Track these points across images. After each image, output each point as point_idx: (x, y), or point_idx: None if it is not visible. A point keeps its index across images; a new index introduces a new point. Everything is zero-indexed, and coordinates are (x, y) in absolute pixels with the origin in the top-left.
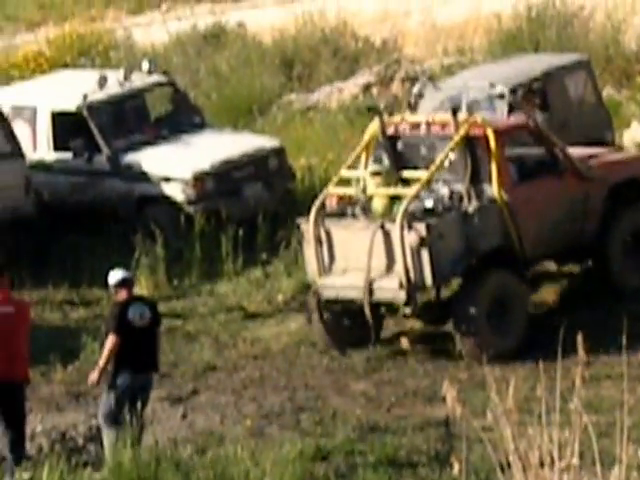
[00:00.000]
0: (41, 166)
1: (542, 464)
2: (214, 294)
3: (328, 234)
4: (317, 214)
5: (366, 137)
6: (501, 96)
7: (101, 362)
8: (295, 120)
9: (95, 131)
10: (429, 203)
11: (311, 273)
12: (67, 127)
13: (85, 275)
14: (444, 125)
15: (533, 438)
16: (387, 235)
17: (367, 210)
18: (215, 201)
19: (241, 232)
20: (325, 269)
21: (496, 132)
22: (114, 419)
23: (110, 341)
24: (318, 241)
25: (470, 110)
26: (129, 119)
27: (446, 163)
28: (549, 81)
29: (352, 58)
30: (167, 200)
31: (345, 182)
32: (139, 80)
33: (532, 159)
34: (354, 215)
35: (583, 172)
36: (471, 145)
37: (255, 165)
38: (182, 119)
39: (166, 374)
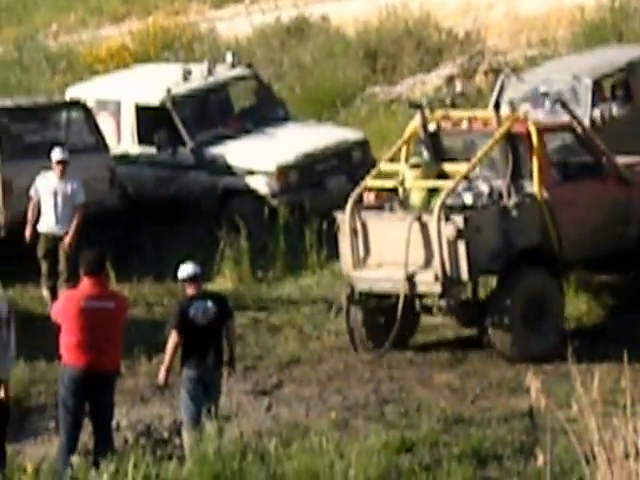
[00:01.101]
0: (125, 159)
1: (627, 455)
2: (298, 286)
3: (364, 226)
4: (354, 206)
5: (407, 132)
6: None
7: (165, 361)
8: (378, 112)
9: (179, 124)
10: (468, 199)
11: (345, 266)
12: (151, 120)
13: (169, 268)
14: (486, 122)
15: (618, 429)
16: (424, 227)
17: (405, 203)
18: (299, 194)
19: (325, 224)
20: (360, 262)
21: (539, 129)
22: (194, 418)
23: (172, 339)
24: (354, 233)
25: (555, 101)
26: (213, 112)
27: (487, 160)
28: (633, 72)
29: (435, 50)
30: (251, 193)
31: (384, 176)
32: (223, 73)
33: (576, 160)
34: (392, 208)
35: (627, 177)
36: (513, 142)
37: (338, 157)
38: (266, 112)
39: (251, 367)
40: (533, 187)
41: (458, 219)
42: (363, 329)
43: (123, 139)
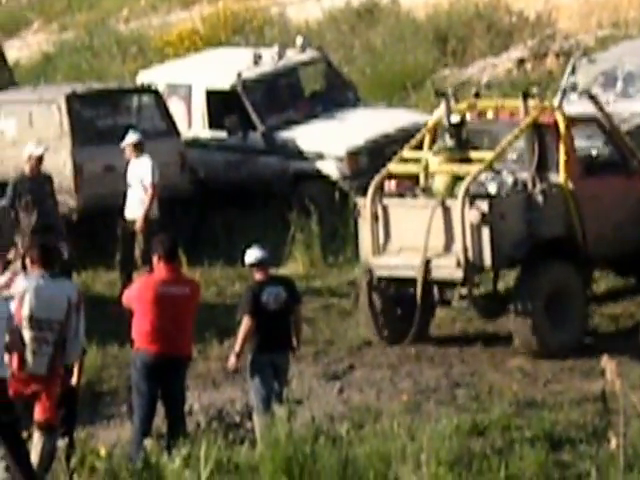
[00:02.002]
0: (196, 144)
1: None
2: None
3: (385, 212)
4: (375, 191)
5: (431, 121)
6: None
7: (237, 346)
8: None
9: (249, 109)
10: (492, 188)
11: (364, 252)
12: (222, 105)
13: (240, 252)
14: (512, 111)
15: None
16: (447, 212)
17: (428, 189)
18: (369, 177)
19: None
20: (379, 248)
21: (568, 119)
22: (266, 402)
23: (245, 324)
24: (374, 219)
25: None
26: (283, 96)
27: (512, 151)
28: None
29: (506, 33)
30: (322, 177)
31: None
32: (293, 57)
33: (601, 155)
34: (414, 194)
35: None
36: (539, 132)
37: (409, 141)
38: (336, 96)
39: (322, 351)
40: (558, 178)
41: (483, 204)
42: (381, 318)
43: (194, 124)
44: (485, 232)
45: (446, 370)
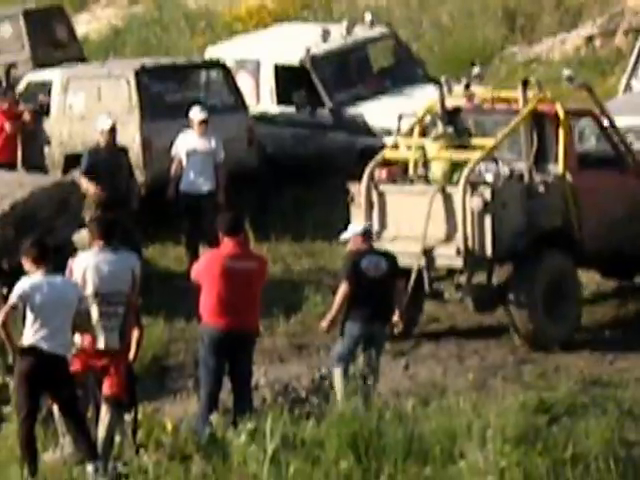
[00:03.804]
0: (264, 119)
1: None
2: None
3: (381, 198)
4: (370, 177)
5: (424, 108)
6: None
7: (332, 310)
8: (517, 72)
9: (318, 84)
10: (489, 177)
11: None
12: (290, 80)
13: (307, 227)
14: (510, 101)
15: None
16: (447, 200)
17: (424, 176)
18: None
19: None
20: (373, 235)
21: (566, 111)
22: (345, 366)
23: (342, 290)
24: (369, 206)
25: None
26: (352, 72)
27: (509, 141)
28: None
29: (575, 10)
30: None
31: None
32: (362, 33)
33: (598, 149)
34: (410, 181)
35: None
36: (538, 122)
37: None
38: (404, 72)
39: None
40: (556, 170)
41: (486, 192)
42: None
43: (262, 99)
44: (487, 220)
45: (512, 347)
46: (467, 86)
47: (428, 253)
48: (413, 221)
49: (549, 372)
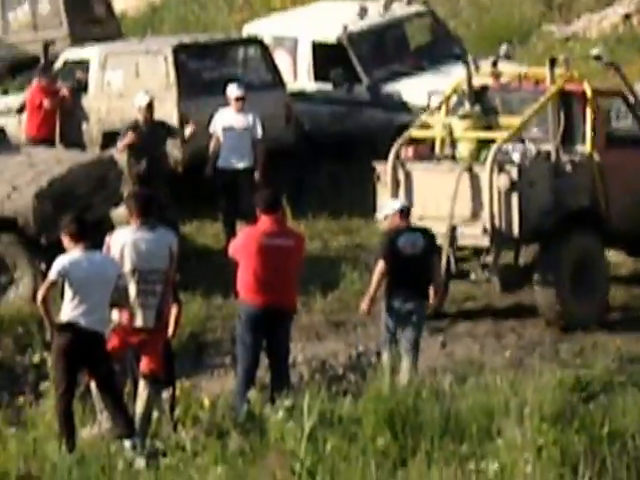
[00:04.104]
0: (301, 96)
1: None
2: None
3: (408, 177)
4: (396, 156)
5: (451, 86)
6: None
7: (371, 289)
8: (555, 50)
9: (355, 61)
10: (516, 157)
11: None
12: (327, 57)
13: (344, 204)
14: (537, 80)
15: None
16: (474, 178)
17: (451, 155)
18: None
19: None
20: None
21: (594, 90)
22: (389, 345)
23: (378, 268)
24: (395, 185)
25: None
26: (389, 49)
27: (536, 120)
28: None
29: None
30: None
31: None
32: (399, 10)
33: (626, 128)
34: (437, 160)
35: None
36: (565, 101)
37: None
38: (441, 49)
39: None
40: (584, 149)
41: (513, 170)
42: None
43: (299, 76)
44: (514, 199)
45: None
46: (494, 64)
47: (454, 233)
48: (439, 200)
49: (586, 350)
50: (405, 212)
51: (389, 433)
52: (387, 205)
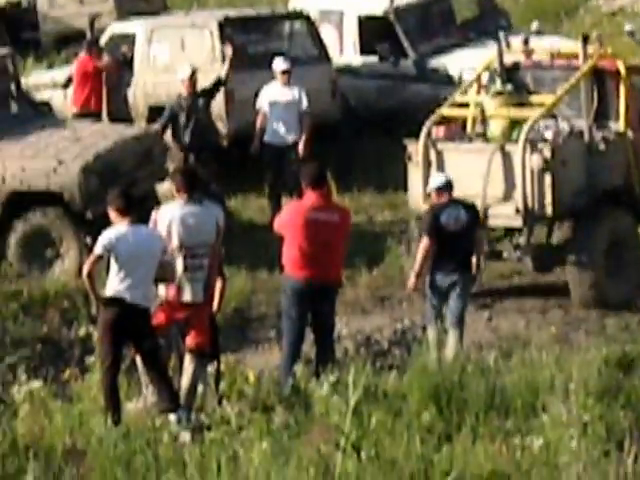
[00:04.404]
0: (347, 70)
1: None
2: None
3: (439, 157)
4: (428, 135)
5: (483, 64)
6: None
7: (416, 265)
8: (602, 24)
9: (401, 35)
10: (548, 135)
11: (414, 199)
12: (374, 31)
13: (390, 179)
14: (569, 57)
15: None
16: (506, 158)
17: (482, 134)
18: None
19: None
20: None
21: (628, 67)
22: (430, 319)
23: (423, 244)
24: (427, 164)
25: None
26: (435, 23)
27: (570, 98)
28: None
29: None
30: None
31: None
32: None
33: None
34: (469, 139)
35: None
36: (599, 78)
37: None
38: (488, 23)
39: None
40: (617, 127)
41: (546, 149)
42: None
43: (345, 50)
44: (547, 178)
45: None
46: (526, 41)
47: (486, 213)
48: (471, 180)
49: (632, 325)
50: (448, 187)
51: (434, 408)
52: (430, 180)
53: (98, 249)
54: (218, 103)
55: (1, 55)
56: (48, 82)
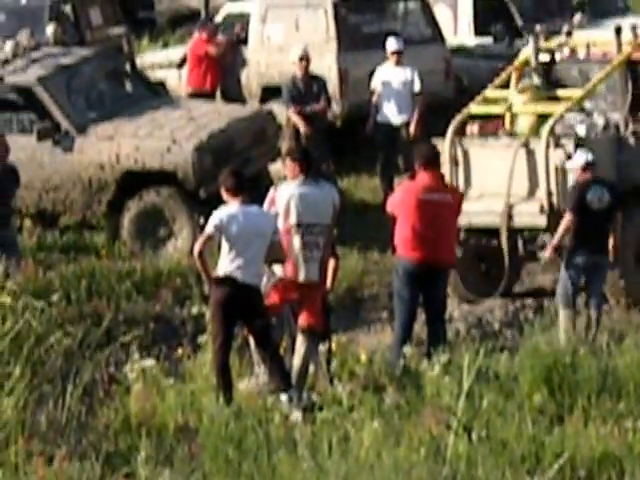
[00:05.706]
0: (461, 51)
1: None
2: None
3: (466, 155)
4: (455, 133)
5: (519, 59)
6: None
7: (554, 240)
8: None
9: (516, 16)
10: (581, 130)
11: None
12: (488, 12)
13: None
14: (605, 49)
15: None
16: (531, 154)
17: (511, 130)
18: None
19: None
20: None
21: None
22: (568, 299)
23: (566, 219)
24: (454, 163)
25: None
26: (551, 3)
27: (605, 90)
28: None
29: None
30: None
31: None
32: None
33: None
34: (496, 135)
35: None
36: (633, 70)
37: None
38: (604, 4)
39: None
40: None
41: (569, 144)
42: (463, 274)
43: (459, 30)
44: (571, 176)
45: None
46: (569, 34)
47: (510, 212)
48: (499, 178)
49: None
50: (591, 165)
51: (546, 390)
52: (574, 158)
53: (209, 229)
54: (332, 83)
55: (117, 34)
56: (163, 61)
